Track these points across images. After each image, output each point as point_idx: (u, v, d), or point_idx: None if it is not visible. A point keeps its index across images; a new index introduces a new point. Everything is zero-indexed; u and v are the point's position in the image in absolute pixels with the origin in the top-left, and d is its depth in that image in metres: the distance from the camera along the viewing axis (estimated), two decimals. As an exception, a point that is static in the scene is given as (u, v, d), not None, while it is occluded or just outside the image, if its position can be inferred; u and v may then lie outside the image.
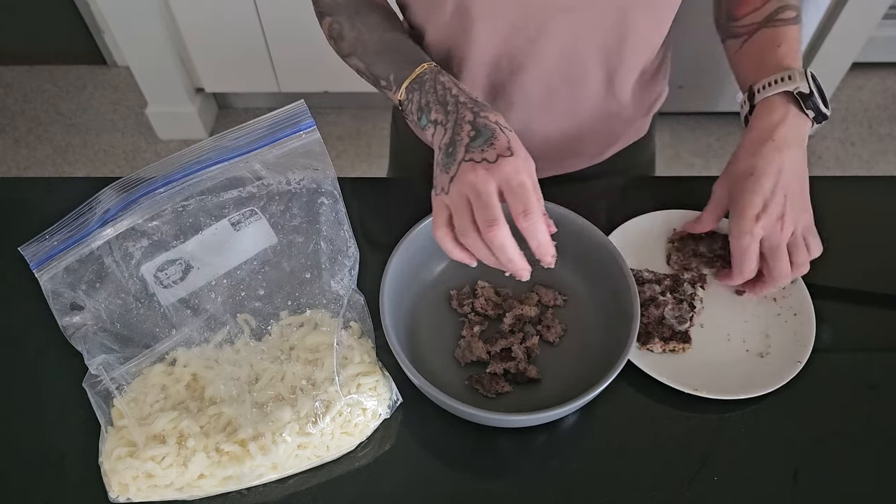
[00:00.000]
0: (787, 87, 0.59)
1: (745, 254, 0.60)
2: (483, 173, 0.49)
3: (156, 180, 0.54)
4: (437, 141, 0.54)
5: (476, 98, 0.55)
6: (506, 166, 0.49)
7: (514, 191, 0.49)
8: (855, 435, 0.58)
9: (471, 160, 0.50)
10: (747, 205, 0.59)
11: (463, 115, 0.53)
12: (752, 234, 0.59)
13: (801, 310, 0.65)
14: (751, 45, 0.64)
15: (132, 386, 0.55)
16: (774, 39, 0.62)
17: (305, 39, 1.85)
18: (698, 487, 0.55)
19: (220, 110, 2.28)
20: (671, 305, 0.64)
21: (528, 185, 0.49)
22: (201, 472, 0.52)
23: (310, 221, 0.59)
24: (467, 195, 0.49)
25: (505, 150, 0.50)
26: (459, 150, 0.51)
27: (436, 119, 0.55)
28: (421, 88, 0.57)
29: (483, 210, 0.49)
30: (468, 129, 0.51)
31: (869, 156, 2.16)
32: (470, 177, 0.49)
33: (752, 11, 0.64)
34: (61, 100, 2.33)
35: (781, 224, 0.59)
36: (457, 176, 0.50)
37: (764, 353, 0.63)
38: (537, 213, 0.49)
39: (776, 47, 0.61)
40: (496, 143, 0.50)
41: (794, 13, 0.62)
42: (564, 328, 0.64)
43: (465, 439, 0.58)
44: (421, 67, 0.58)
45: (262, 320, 0.58)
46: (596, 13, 0.61)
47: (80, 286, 0.54)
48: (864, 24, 1.87)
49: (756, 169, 0.60)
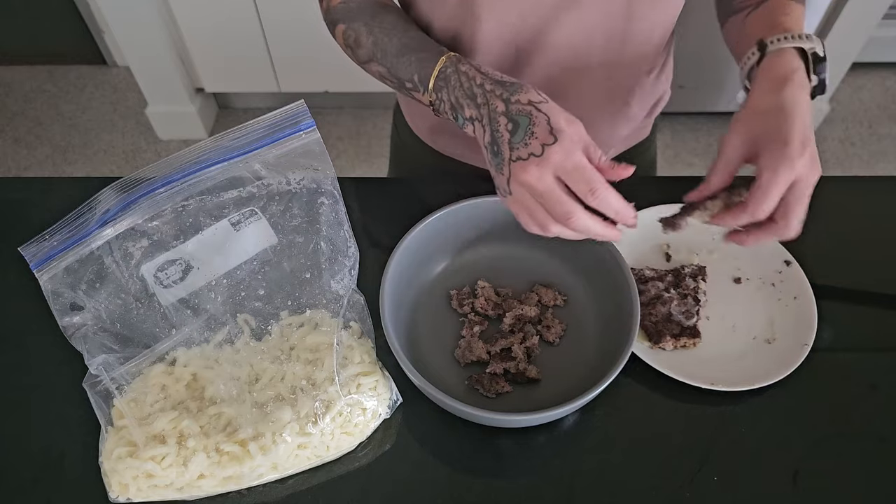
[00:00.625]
0: (802, 44, 0.57)
1: (776, 188, 0.51)
2: (535, 171, 0.48)
3: (156, 180, 0.54)
4: (480, 139, 0.53)
5: (501, 78, 0.53)
6: (554, 155, 0.48)
7: (571, 176, 0.48)
8: (855, 435, 0.58)
9: (518, 159, 0.49)
10: (789, 138, 0.52)
11: (495, 106, 0.51)
12: (793, 167, 0.51)
13: (800, 293, 0.66)
14: (759, 13, 0.62)
15: (132, 386, 0.55)
16: (783, 8, 0.61)
17: (305, 39, 1.85)
18: (698, 487, 0.55)
19: (220, 110, 2.28)
20: (676, 301, 0.64)
21: (582, 164, 0.48)
22: (201, 472, 0.52)
23: (310, 221, 0.59)
24: (531, 195, 0.49)
25: (547, 136, 0.48)
26: (504, 149, 0.50)
27: (471, 116, 0.53)
28: (447, 85, 0.55)
29: (554, 206, 0.49)
30: (505, 123, 0.50)
31: (869, 156, 2.16)
32: (524, 178, 0.49)
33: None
34: (61, 100, 2.33)
35: (815, 169, 0.53)
36: (511, 178, 0.50)
37: (771, 339, 0.64)
38: (602, 187, 0.48)
39: (784, 15, 0.60)
40: (536, 131, 0.49)
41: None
42: (564, 328, 0.64)
43: (465, 439, 0.58)
44: (441, 62, 0.56)
45: (262, 320, 0.58)
46: (603, 5, 0.61)
47: (80, 286, 0.54)
48: (864, 24, 1.87)
49: (785, 106, 0.54)
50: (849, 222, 0.75)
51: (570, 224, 0.49)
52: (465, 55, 0.66)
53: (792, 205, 0.53)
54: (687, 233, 0.73)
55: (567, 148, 0.48)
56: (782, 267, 0.69)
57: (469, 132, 0.55)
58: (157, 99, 2.08)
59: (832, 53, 2.24)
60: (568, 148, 0.48)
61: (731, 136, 0.56)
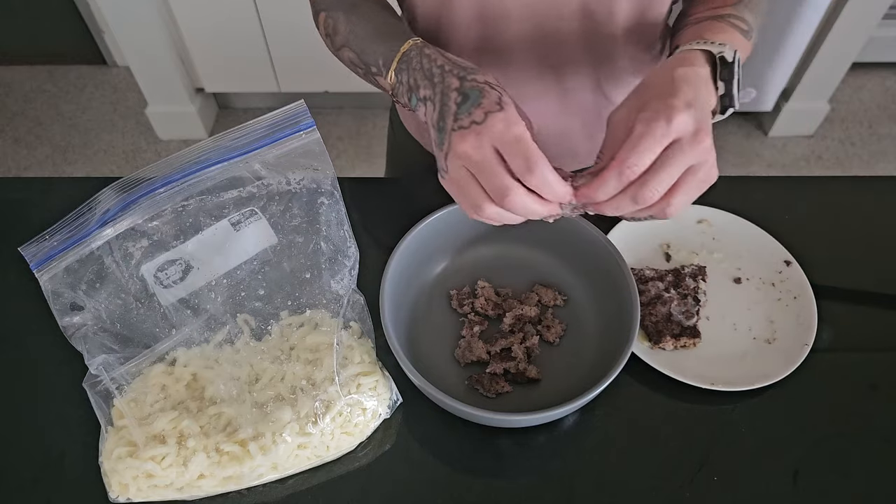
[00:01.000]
0: (711, 47, 0.52)
1: (647, 140, 0.44)
2: (473, 139, 0.45)
3: (156, 180, 0.54)
4: (429, 119, 0.50)
5: (463, 63, 0.50)
6: (496, 124, 0.44)
7: (511, 148, 0.44)
8: (855, 435, 0.58)
9: (459, 128, 0.46)
10: (673, 95, 0.46)
11: (449, 83, 0.48)
12: (670, 121, 0.44)
13: (800, 292, 0.66)
14: (694, 27, 0.60)
15: (132, 386, 0.55)
16: (720, 29, 0.58)
17: (305, 39, 1.85)
18: (698, 487, 0.55)
19: (220, 110, 2.28)
20: (676, 301, 0.64)
21: (524, 136, 0.44)
22: (201, 472, 0.52)
23: (310, 221, 0.59)
24: (467, 167, 0.46)
25: (493, 104, 0.45)
26: (448, 121, 0.47)
27: (425, 96, 0.50)
28: (408, 68, 0.53)
29: (490, 179, 0.45)
30: (455, 97, 0.47)
31: (869, 156, 2.16)
32: (461, 147, 0.45)
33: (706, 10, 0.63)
34: (61, 100, 2.33)
35: (699, 138, 0.45)
36: (450, 151, 0.46)
37: (771, 339, 0.64)
38: (541, 164, 0.44)
39: (717, 33, 0.56)
40: (484, 102, 0.46)
41: (745, 26, 0.60)
42: (564, 328, 0.64)
43: (465, 439, 0.58)
44: (407, 45, 0.54)
45: (262, 320, 0.58)
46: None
47: (81, 286, 0.54)
48: (864, 24, 1.87)
49: (675, 78, 0.48)
50: (849, 222, 0.75)
51: (505, 203, 0.45)
52: (445, 42, 0.67)
53: (659, 169, 0.45)
54: (687, 233, 0.73)
55: (509, 118, 0.45)
56: (782, 267, 0.69)
57: (420, 114, 0.52)
58: (157, 99, 2.08)
59: (832, 53, 2.24)
60: (510, 118, 0.45)
61: (617, 109, 0.50)
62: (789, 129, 2.20)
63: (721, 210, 0.74)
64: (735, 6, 0.60)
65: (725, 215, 0.73)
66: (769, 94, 2.05)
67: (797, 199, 0.78)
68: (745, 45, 0.58)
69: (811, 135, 2.22)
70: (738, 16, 0.60)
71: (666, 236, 0.73)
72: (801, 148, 2.19)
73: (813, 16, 1.81)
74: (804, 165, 2.15)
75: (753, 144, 2.20)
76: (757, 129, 2.24)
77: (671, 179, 0.45)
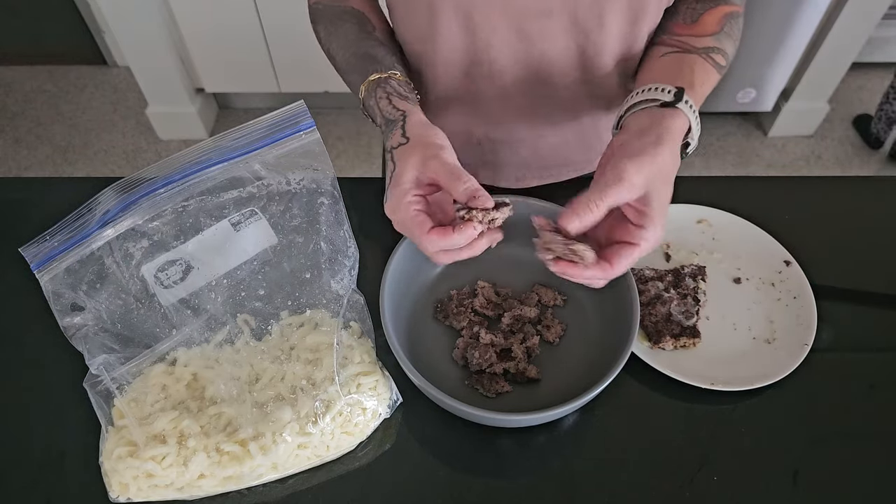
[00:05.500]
0: (694, 127, 0.55)
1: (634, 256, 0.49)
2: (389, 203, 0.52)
3: (156, 181, 0.54)
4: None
5: (392, 112, 0.56)
6: (390, 199, 0.51)
7: (400, 226, 0.52)
8: (855, 435, 0.59)
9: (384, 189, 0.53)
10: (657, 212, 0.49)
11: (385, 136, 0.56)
12: (657, 241, 0.50)
13: (800, 292, 0.66)
14: (683, 59, 0.61)
15: (133, 386, 0.55)
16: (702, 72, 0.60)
17: (306, 40, 1.84)
18: (698, 487, 0.55)
19: (220, 110, 2.28)
20: (676, 301, 0.64)
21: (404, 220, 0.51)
22: (201, 471, 0.52)
23: (310, 221, 0.59)
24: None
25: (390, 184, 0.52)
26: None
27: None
28: (370, 113, 0.59)
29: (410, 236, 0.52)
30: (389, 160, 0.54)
31: (868, 156, 2.16)
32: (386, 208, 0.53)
33: (689, 36, 0.63)
34: (61, 100, 2.33)
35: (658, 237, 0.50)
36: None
37: (771, 339, 0.64)
38: (422, 238, 0.50)
39: (703, 83, 0.59)
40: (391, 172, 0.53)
41: (723, 61, 0.61)
42: (564, 328, 0.64)
43: (465, 439, 0.58)
44: (362, 89, 0.60)
45: (262, 320, 0.58)
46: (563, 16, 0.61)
47: (81, 287, 0.54)
48: (864, 24, 1.87)
49: (661, 137, 0.51)
50: (849, 222, 0.75)
51: (421, 248, 0.52)
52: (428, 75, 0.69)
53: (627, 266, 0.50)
54: (687, 233, 0.73)
55: (392, 206, 0.51)
56: (782, 267, 0.69)
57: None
58: (157, 99, 2.08)
59: (832, 53, 2.25)
60: (393, 206, 0.51)
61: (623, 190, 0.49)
62: (789, 129, 2.20)
63: (721, 210, 0.74)
64: (716, 37, 0.61)
65: (725, 215, 0.73)
66: (769, 94, 2.05)
67: (797, 199, 0.78)
68: (717, 80, 0.62)
69: (811, 135, 2.22)
70: (720, 49, 0.61)
71: (666, 236, 0.73)
72: (801, 148, 2.19)
73: (813, 15, 1.82)
74: (804, 165, 2.15)
75: (753, 144, 2.20)
76: (757, 129, 2.24)
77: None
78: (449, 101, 0.71)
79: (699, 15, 0.63)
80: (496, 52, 0.64)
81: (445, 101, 0.71)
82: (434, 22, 0.62)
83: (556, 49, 0.64)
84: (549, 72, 0.66)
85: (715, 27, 0.62)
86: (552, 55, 0.64)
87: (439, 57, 0.66)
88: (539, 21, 0.61)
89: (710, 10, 0.62)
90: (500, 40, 0.63)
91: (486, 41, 0.63)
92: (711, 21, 0.62)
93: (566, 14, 0.60)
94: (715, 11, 0.62)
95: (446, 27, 0.62)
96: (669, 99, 0.54)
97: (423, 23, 0.63)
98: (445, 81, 0.69)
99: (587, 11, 0.60)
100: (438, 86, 0.69)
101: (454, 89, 0.70)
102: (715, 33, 0.61)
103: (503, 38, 0.63)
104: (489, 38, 0.63)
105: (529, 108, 0.71)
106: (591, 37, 0.63)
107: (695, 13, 0.63)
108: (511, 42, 0.63)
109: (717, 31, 0.62)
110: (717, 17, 0.62)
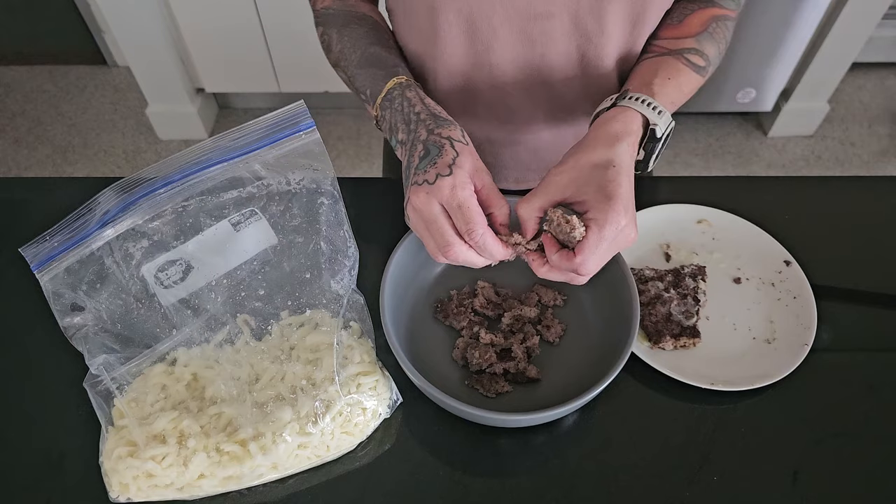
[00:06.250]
0: (650, 115, 0.55)
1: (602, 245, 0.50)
2: (424, 197, 0.50)
3: (156, 181, 0.54)
4: (403, 163, 0.55)
5: (438, 112, 0.55)
6: (444, 187, 0.49)
7: (454, 211, 0.49)
8: (854, 435, 0.59)
9: (415, 183, 0.51)
10: (615, 194, 0.50)
11: (419, 133, 0.53)
12: (618, 226, 0.50)
13: (799, 292, 0.66)
14: (652, 62, 0.62)
15: (133, 386, 0.55)
16: (674, 71, 0.60)
17: (306, 40, 1.85)
18: (698, 487, 0.55)
19: (220, 110, 2.28)
20: (676, 301, 0.64)
21: (467, 203, 0.49)
22: (201, 471, 0.52)
23: (310, 221, 0.59)
24: (422, 221, 0.51)
25: (445, 167, 0.50)
26: (410, 172, 0.52)
27: (402, 140, 0.55)
28: (391, 106, 0.57)
29: (435, 233, 0.50)
30: (419, 150, 0.52)
31: (869, 156, 2.16)
32: (414, 202, 0.50)
33: (671, 39, 0.63)
34: (61, 100, 2.33)
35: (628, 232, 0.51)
36: (409, 201, 0.51)
37: (770, 339, 0.64)
38: (479, 229, 0.49)
39: (667, 79, 0.59)
40: (439, 161, 0.50)
41: (703, 63, 0.61)
42: (564, 328, 0.64)
43: (465, 439, 0.58)
44: (392, 82, 0.58)
45: (262, 320, 0.58)
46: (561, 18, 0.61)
47: (81, 287, 0.54)
48: (864, 24, 1.87)
49: (616, 162, 0.52)
50: (848, 222, 0.75)
51: (447, 255, 0.50)
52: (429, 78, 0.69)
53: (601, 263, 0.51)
54: (687, 233, 0.74)
55: (455, 184, 0.49)
56: (782, 267, 0.69)
57: (398, 155, 0.57)
58: (157, 99, 2.08)
59: (832, 53, 2.24)
60: (456, 184, 0.49)
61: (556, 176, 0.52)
62: (789, 129, 2.20)
63: (721, 210, 0.74)
64: (697, 38, 0.62)
65: (725, 215, 0.73)
66: (769, 94, 2.05)
67: (797, 199, 0.78)
68: (698, 81, 0.62)
69: (811, 135, 2.22)
70: (698, 50, 0.62)
71: (666, 236, 0.73)
72: (801, 148, 2.19)
73: (813, 16, 1.81)
74: (804, 165, 2.15)
75: (753, 144, 2.20)
76: (756, 129, 2.24)
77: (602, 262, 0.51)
78: (449, 103, 0.71)
79: (685, 16, 0.63)
80: (497, 54, 0.64)
81: (445, 102, 0.71)
82: (435, 25, 0.62)
83: (557, 51, 0.64)
84: (550, 74, 0.66)
85: (699, 28, 0.62)
86: (553, 57, 0.64)
87: (440, 59, 0.66)
88: (540, 24, 0.61)
89: (698, 12, 0.63)
90: (501, 43, 0.63)
91: (487, 44, 0.63)
92: (696, 22, 0.63)
93: (567, 17, 0.60)
94: (703, 13, 0.63)
95: (447, 30, 0.62)
96: (608, 105, 0.57)
97: (424, 26, 0.63)
98: (446, 83, 0.69)
99: (588, 14, 0.60)
100: (439, 88, 0.69)
101: (455, 91, 0.70)
102: (697, 34, 0.62)
103: (504, 40, 0.63)
104: (490, 40, 0.63)
105: (530, 110, 0.71)
106: (591, 39, 0.63)
107: (682, 14, 0.63)
108: (512, 45, 0.63)
109: (700, 31, 0.62)
110: (703, 19, 0.63)
